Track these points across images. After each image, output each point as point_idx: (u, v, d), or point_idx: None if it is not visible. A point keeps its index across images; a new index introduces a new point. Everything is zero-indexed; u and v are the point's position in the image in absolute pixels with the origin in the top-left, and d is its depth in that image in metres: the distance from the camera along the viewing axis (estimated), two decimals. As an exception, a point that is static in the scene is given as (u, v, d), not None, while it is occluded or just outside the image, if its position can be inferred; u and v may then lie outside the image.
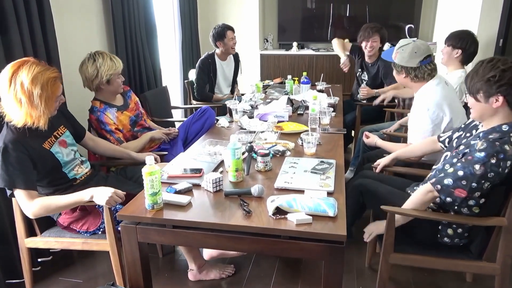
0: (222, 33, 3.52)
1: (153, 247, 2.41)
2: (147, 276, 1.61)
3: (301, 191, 1.60)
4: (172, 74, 4.35)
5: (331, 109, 2.71)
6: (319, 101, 2.63)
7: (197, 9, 4.64)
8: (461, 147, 1.63)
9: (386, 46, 4.84)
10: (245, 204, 1.50)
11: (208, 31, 3.66)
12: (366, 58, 3.58)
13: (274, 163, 1.90)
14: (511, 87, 1.46)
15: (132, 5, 3.09)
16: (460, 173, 1.51)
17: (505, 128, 1.51)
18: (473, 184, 1.48)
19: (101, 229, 1.87)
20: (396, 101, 3.35)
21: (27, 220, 1.88)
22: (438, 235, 1.71)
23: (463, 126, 1.82)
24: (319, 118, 2.54)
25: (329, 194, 1.58)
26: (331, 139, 2.29)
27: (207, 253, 2.21)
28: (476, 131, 1.68)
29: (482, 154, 1.46)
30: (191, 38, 4.49)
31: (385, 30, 3.48)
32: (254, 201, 1.54)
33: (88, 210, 1.90)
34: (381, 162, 2.13)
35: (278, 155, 2.02)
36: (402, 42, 2.15)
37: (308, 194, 1.55)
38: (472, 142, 1.57)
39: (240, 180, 1.73)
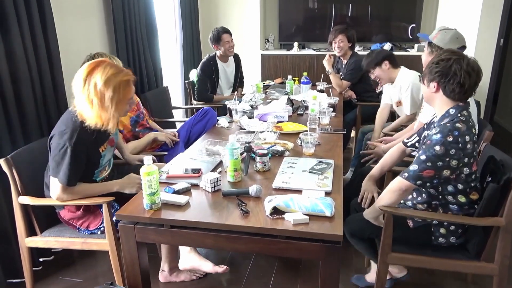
0: (218, 36, 3.56)
1: (153, 247, 2.42)
2: (146, 275, 1.62)
3: (299, 191, 1.60)
4: (173, 74, 4.35)
5: (331, 109, 2.72)
6: (319, 101, 2.63)
7: (198, 9, 4.65)
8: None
9: (387, 45, 4.84)
10: (243, 204, 1.51)
11: (209, 31, 3.67)
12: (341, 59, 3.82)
13: (273, 163, 1.91)
14: (443, 75, 1.58)
15: (132, 5, 3.10)
16: (423, 157, 1.56)
17: (452, 111, 1.61)
18: (439, 163, 1.53)
19: (101, 229, 1.88)
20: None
21: (27, 220, 1.90)
22: (433, 237, 1.71)
23: (425, 126, 1.83)
24: (319, 118, 2.55)
25: (327, 194, 1.58)
26: (330, 139, 2.29)
27: (182, 265, 2.18)
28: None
29: (438, 136, 1.55)
30: (192, 38, 4.49)
31: (352, 31, 3.67)
32: (252, 201, 1.55)
33: (91, 210, 1.91)
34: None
35: (277, 155, 2.02)
36: (444, 26, 2.25)
37: (306, 194, 1.55)
38: (429, 133, 1.66)
39: (239, 180, 1.74)
